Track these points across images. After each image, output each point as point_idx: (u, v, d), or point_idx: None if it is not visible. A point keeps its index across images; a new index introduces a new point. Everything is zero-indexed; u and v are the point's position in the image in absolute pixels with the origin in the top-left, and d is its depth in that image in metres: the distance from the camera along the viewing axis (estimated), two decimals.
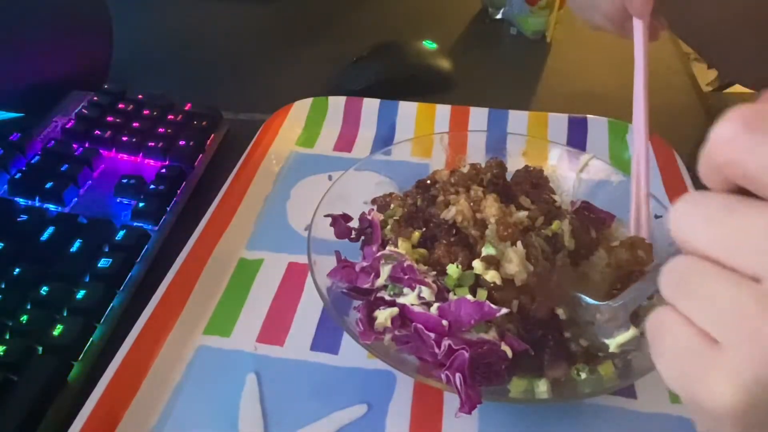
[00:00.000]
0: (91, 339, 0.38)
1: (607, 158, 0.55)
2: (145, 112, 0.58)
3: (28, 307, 0.39)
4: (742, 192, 0.19)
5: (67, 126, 0.55)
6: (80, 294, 0.40)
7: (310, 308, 0.42)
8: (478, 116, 0.59)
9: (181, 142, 0.54)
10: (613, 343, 0.34)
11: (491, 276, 0.36)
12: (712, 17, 0.49)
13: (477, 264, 0.36)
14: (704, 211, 0.19)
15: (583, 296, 0.35)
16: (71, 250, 0.43)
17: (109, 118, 0.56)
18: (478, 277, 0.36)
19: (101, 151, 0.53)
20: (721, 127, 0.19)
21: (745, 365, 0.18)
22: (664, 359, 0.21)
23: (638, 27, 0.42)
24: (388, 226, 0.41)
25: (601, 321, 0.35)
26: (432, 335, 0.34)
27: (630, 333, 0.34)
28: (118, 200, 0.50)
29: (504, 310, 0.34)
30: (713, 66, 0.69)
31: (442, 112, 0.60)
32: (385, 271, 0.37)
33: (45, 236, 0.44)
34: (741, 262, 0.18)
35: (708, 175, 0.20)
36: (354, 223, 0.43)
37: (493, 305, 0.34)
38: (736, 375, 0.18)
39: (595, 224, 0.42)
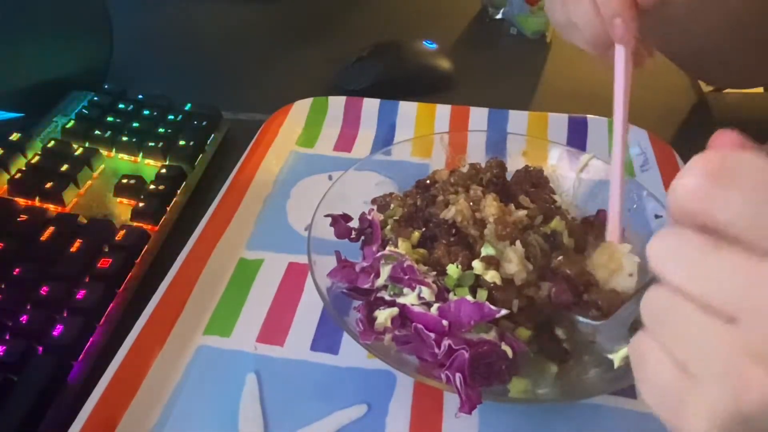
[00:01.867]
0: (91, 339, 0.38)
1: (607, 158, 0.55)
2: (145, 112, 0.58)
3: (28, 307, 0.39)
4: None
5: (67, 126, 0.55)
6: (80, 294, 0.40)
7: (310, 308, 0.42)
8: (478, 116, 0.59)
9: (181, 142, 0.54)
10: (617, 357, 0.34)
11: (491, 276, 0.36)
12: (709, 38, 0.47)
13: (477, 264, 0.36)
14: (682, 251, 0.20)
15: (580, 318, 0.35)
16: (71, 250, 0.43)
17: (109, 118, 0.56)
18: (478, 277, 0.36)
19: (101, 151, 0.53)
20: (686, 177, 0.19)
21: (718, 402, 0.19)
22: (647, 387, 0.22)
23: (620, 54, 0.38)
24: (388, 226, 0.41)
25: (602, 339, 0.35)
26: (432, 335, 0.34)
27: None
28: (118, 200, 0.50)
29: (504, 311, 0.34)
30: (705, 80, 0.68)
31: (442, 112, 0.60)
32: (385, 271, 0.37)
33: (45, 236, 0.44)
34: (717, 302, 0.19)
35: (677, 217, 0.20)
36: (354, 223, 0.43)
37: (492, 306, 0.34)
38: (711, 410, 0.19)
39: (596, 228, 0.42)
